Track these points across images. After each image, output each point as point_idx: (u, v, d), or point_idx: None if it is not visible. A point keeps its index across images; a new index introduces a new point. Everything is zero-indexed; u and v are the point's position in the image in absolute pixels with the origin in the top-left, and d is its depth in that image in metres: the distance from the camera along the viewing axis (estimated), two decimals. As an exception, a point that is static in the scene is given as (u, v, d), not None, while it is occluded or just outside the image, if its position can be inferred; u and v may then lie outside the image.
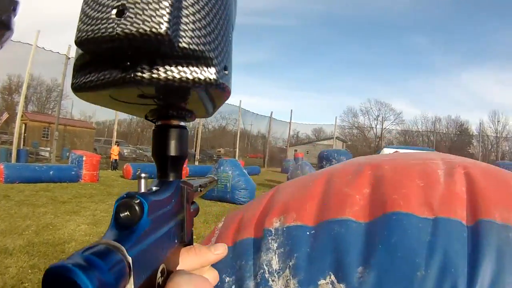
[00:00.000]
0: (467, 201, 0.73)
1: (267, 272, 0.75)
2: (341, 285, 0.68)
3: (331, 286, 0.68)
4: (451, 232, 0.68)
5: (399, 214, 0.71)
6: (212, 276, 0.48)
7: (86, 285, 0.23)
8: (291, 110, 61.95)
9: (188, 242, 0.46)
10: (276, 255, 0.76)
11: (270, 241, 0.78)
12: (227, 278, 0.79)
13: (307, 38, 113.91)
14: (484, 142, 47.37)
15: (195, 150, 29.91)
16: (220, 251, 0.48)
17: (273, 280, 0.73)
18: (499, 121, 50.64)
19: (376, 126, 55.48)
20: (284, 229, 0.78)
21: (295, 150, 41.65)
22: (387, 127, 54.87)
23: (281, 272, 0.74)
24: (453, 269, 0.63)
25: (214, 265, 0.52)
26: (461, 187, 0.76)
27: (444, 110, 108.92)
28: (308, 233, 0.76)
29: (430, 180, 0.79)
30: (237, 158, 28.22)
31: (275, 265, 0.75)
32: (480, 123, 45.95)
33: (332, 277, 0.69)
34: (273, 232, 0.79)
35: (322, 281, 0.69)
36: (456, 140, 52.12)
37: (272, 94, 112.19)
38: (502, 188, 0.76)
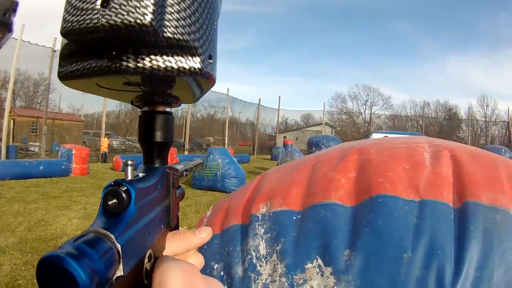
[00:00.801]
0: (453, 183, 0.73)
1: (254, 257, 0.75)
2: (328, 268, 0.68)
3: (318, 269, 0.69)
4: (438, 214, 0.68)
5: (385, 196, 0.72)
6: (198, 260, 0.49)
7: (79, 273, 0.25)
8: (279, 96, 62.03)
9: (174, 226, 0.47)
10: (263, 241, 0.76)
11: (257, 226, 0.78)
12: (216, 265, 0.80)
13: (293, 25, 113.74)
14: (473, 126, 47.78)
15: (184, 140, 29.78)
16: (204, 234, 0.48)
17: (260, 265, 0.74)
18: (487, 105, 51.05)
19: (364, 111, 55.80)
20: (271, 214, 0.78)
21: (284, 137, 41.72)
22: (375, 112, 55.17)
23: (268, 257, 0.74)
24: (440, 251, 0.64)
25: (203, 253, 0.52)
26: (447, 169, 0.76)
27: (432, 95, 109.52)
28: (294, 217, 0.76)
29: (416, 163, 0.79)
30: (226, 146, 28.15)
31: (263, 250, 0.75)
32: (469, 107, 46.37)
33: (319, 260, 0.69)
34: (259, 218, 0.79)
35: (309, 265, 0.70)
36: (445, 125, 52.45)
37: (260, 81, 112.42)
38: (489, 170, 0.76)
